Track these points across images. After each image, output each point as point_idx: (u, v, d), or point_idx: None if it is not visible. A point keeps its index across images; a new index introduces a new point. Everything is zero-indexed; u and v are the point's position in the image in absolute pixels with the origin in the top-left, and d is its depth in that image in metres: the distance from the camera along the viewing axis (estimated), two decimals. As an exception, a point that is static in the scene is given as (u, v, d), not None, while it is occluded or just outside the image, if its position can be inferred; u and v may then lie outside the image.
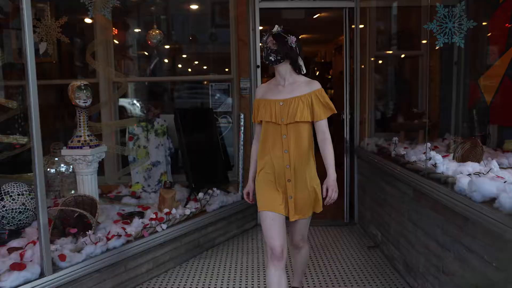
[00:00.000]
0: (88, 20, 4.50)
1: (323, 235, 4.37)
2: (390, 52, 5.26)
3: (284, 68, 2.46)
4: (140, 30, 5.35)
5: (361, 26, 4.69)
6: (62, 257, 2.70)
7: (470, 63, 4.22)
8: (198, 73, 5.64)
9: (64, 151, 3.36)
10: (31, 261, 2.62)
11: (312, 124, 2.48)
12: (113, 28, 4.43)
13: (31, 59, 2.44)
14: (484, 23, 3.84)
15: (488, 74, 3.77)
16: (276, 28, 2.42)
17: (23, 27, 2.43)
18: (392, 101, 5.23)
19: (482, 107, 3.89)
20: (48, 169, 4.21)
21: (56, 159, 4.22)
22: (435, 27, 3.33)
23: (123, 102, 5.04)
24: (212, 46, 5.45)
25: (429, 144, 2.99)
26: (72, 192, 4.01)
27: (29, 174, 3.97)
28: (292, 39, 2.40)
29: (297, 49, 2.43)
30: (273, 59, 2.42)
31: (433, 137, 4.22)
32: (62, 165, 4.26)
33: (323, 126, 2.46)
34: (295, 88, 2.45)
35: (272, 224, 2.42)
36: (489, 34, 3.84)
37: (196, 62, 5.81)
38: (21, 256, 2.67)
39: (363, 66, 4.75)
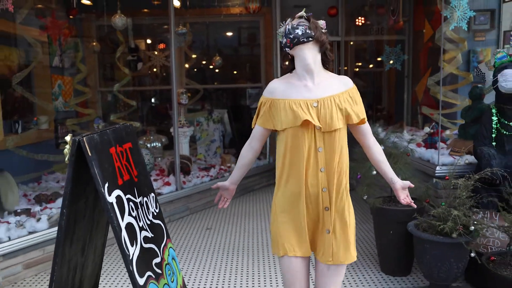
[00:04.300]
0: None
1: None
2: (364, 67, 7.78)
3: (314, 56, 1.87)
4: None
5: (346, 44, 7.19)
6: (184, 182, 5.18)
7: (413, 76, 6.69)
8: (238, 81, 8.15)
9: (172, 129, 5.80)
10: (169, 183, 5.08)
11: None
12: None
13: (175, 78, 4.93)
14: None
15: (420, 84, 6.23)
16: (302, 12, 1.88)
17: (172, 61, 4.91)
18: (366, 100, 7.73)
19: (418, 104, 6.35)
20: (146, 144, 6.67)
21: (151, 137, 6.68)
22: (385, 58, 5.86)
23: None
24: (248, 61, 7.95)
25: (378, 124, 5.45)
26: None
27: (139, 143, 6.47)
28: (323, 24, 1.89)
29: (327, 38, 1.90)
30: (304, 34, 1.82)
31: (391, 123, 6.70)
32: (155, 142, 6.72)
33: (368, 128, 2.00)
34: (327, 85, 1.90)
35: (296, 274, 1.89)
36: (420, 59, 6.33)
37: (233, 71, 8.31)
38: (163, 181, 5.12)
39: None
